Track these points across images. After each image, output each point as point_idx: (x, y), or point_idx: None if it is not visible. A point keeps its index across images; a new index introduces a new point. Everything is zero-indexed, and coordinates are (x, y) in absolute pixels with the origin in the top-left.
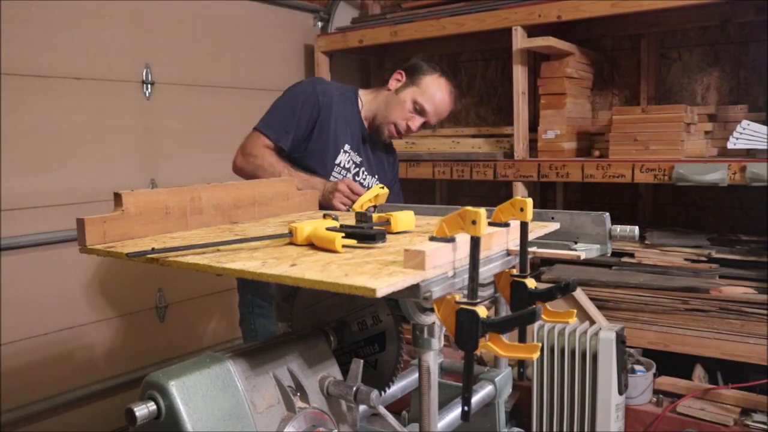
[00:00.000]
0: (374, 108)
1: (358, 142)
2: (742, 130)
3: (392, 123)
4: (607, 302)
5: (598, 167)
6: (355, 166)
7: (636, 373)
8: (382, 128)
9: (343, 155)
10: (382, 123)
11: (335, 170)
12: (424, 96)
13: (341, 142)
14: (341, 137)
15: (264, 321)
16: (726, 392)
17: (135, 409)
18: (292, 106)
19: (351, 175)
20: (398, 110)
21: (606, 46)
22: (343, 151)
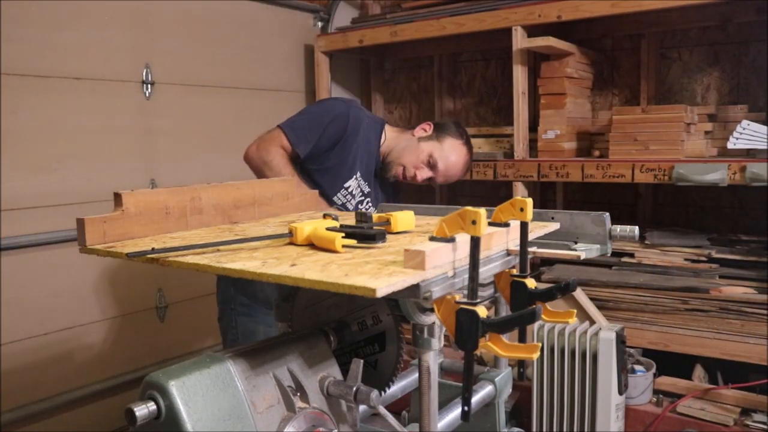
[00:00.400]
0: (393, 146)
1: (370, 173)
2: (742, 130)
3: (402, 165)
4: (607, 302)
5: (598, 167)
6: (362, 194)
7: (636, 373)
8: (391, 166)
9: (353, 181)
10: (393, 161)
11: (341, 193)
12: (441, 153)
13: (356, 168)
14: (358, 164)
15: (245, 319)
16: (726, 392)
17: (135, 409)
18: (322, 118)
19: (356, 201)
20: (413, 157)
21: (606, 46)
22: (354, 177)
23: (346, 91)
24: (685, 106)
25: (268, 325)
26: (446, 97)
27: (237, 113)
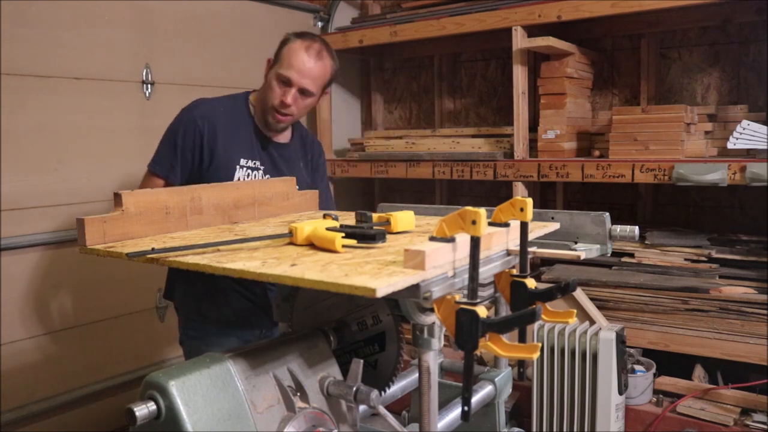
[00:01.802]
0: (257, 105)
1: (256, 150)
2: (742, 130)
3: (271, 108)
4: (607, 302)
5: (598, 167)
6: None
7: (636, 373)
8: (267, 119)
9: (240, 171)
10: (264, 113)
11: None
12: (283, 67)
13: (235, 158)
14: (235, 153)
15: (197, 343)
16: (726, 392)
17: (135, 409)
18: (174, 139)
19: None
20: (269, 93)
21: (606, 46)
22: (239, 167)
23: (346, 91)
24: (685, 106)
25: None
26: (446, 97)
27: None
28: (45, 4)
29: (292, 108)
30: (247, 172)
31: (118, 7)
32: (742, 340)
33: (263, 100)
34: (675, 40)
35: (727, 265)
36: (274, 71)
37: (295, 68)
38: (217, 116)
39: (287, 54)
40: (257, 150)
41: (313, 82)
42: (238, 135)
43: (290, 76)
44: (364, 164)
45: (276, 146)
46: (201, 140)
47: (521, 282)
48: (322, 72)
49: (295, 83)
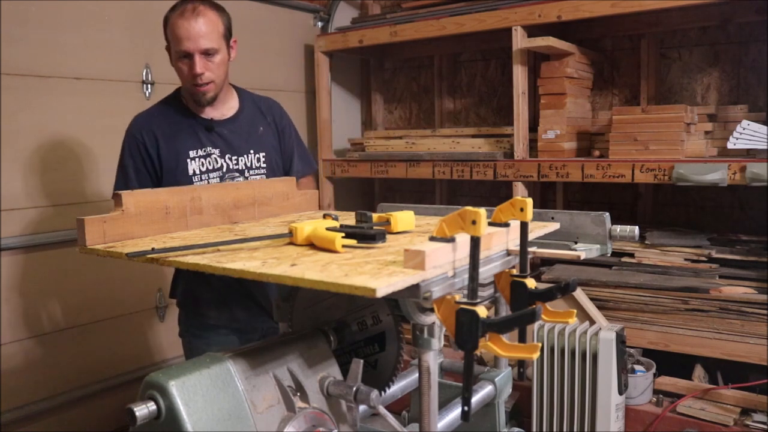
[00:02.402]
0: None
1: (202, 137)
2: (742, 130)
3: (191, 86)
4: (607, 302)
5: (598, 167)
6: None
7: (636, 373)
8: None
9: (192, 163)
10: (190, 95)
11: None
12: (174, 43)
13: (182, 153)
14: (181, 149)
15: (198, 342)
16: (726, 392)
17: (135, 409)
18: (123, 161)
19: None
20: (181, 75)
21: (606, 46)
22: (190, 160)
23: (346, 91)
24: (685, 106)
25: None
26: (446, 97)
27: None
28: (45, 4)
29: (206, 74)
30: (201, 162)
31: (118, 7)
32: (742, 340)
33: (183, 85)
34: (675, 40)
35: (727, 265)
36: (172, 54)
37: (183, 38)
38: (154, 122)
39: (170, 31)
40: (203, 136)
41: (208, 39)
42: (179, 131)
43: (183, 47)
44: (364, 164)
45: (223, 124)
46: (146, 151)
47: (521, 282)
48: (209, 26)
49: (192, 50)
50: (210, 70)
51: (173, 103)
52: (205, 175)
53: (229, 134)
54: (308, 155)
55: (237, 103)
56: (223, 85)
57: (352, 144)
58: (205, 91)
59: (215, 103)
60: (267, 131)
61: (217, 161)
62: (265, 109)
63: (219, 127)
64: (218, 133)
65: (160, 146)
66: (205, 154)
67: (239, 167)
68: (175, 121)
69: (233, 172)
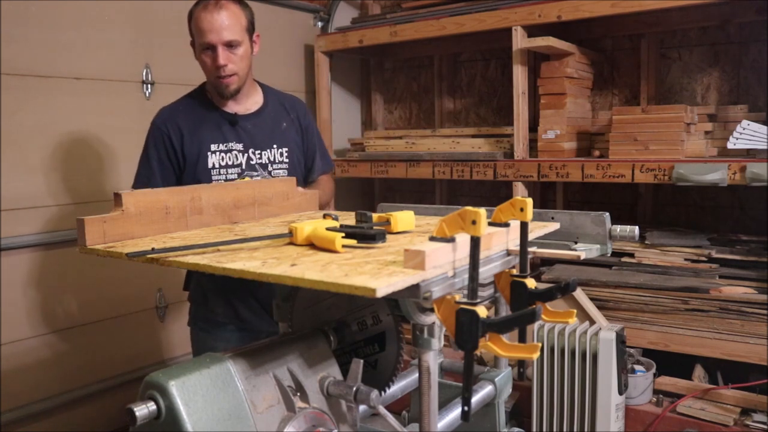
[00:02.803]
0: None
1: (225, 131)
2: (742, 130)
3: (214, 79)
4: (607, 302)
5: (598, 167)
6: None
7: (636, 373)
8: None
9: (213, 156)
10: (215, 88)
11: (214, 175)
12: (198, 37)
13: (204, 146)
14: (203, 142)
15: (204, 336)
16: (726, 392)
17: (135, 409)
18: (147, 153)
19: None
20: (205, 68)
21: (606, 46)
22: (210, 153)
23: (346, 91)
24: (685, 106)
25: (225, 341)
26: (446, 97)
27: None
28: (45, 4)
29: (228, 66)
30: (221, 156)
31: (118, 7)
32: (742, 340)
33: (207, 78)
34: (675, 40)
35: (727, 265)
36: (195, 48)
37: (206, 30)
38: (179, 115)
39: (194, 25)
40: (227, 130)
41: (230, 31)
42: (203, 125)
43: (206, 39)
44: (364, 164)
45: (247, 118)
46: (170, 143)
47: (521, 282)
48: (231, 18)
49: (215, 43)
50: (233, 62)
51: (198, 96)
52: (223, 170)
53: (252, 128)
54: (328, 154)
55: (261, 99)
56: (246, 78)
57: (352, 144)
58: (228, 83)
59: (239, 97)
60: (290, 128)
61: (238, 158)
62: (289, 106)
63: (243, 121)
64: (242, 127)
65: (184, 139)
66: (226, 149)
67: (262, 161)
68: (200, 114)
69: (255, 167)
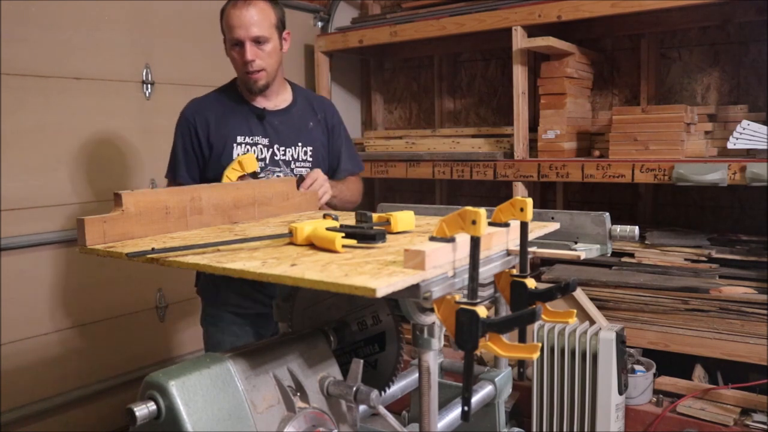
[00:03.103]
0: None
1: (252, 125)
2: (742, 130)
3: (243, 74)
4: (607, 302)
5: (598, 167)
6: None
7: (636, 373)
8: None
9: (238, 148)
10: (244, 84)
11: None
12: (228, 33)
13: (231, 138)
14: (230, 134)
15: (213, 329)
16: (726, 392)
17: (135, 409)
18: (176, 142)
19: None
20: (235, 64)
21: (606, 46)
22: (236, 144)
23: (346, 91)
24: (685, 106)
25: (233, 335)
26: (446, 97)
27: None
28: (45, 4)
29: (257, 62)
30: (246, 149)
31: (118, 7)
32: (742, 340)
33: (237, 74)
34: (675, 40)
35: (727, 265)
36: (226, 44)
37: (235, 26)
38: (208, 108)
39: (225, 21)
40: (254, 125)
41: (259, 27)
42: (231, 117)
43: (235, 35)
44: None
45: (275, 114)
46: (196, 134)
47: (521, 282)
48: (261, 14)
49: (243, 38)
50: (260, 58)
51: (229, 90)
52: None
53: (279, 125)
54: (356, 155)
55: (290, 97)
56: (275, 75)
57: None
58: (257, 79)
59: (268, 94)
60: (317, 127)
61: (263, 152)
62: (317, 106)
63: (270, 116)
64: (269, 122)
65: (211, 130)
66: (252, 143)
67: (286, 158)
68: (229, 107)
69: (278, 163)
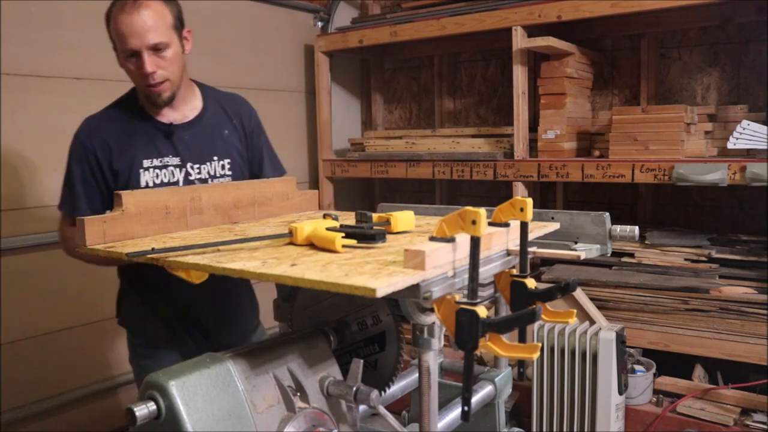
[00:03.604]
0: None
1: (159, 145)
2: (742, 130)
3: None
4: (607, 302)
5: (598, 167)
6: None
7: (636, 373)
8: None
9: (146, 174)
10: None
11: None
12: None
13: (136, 163)
14: (135, 158)
15: (148, 362)
16: (726, 392)
17: (135, 409)
18: (71, 170)
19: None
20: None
21: (606, 46)
22: (143, 170)
23: (346, 91)
24: (685, 106)
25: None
26: (446, 97)
27: None
28: (45, 4)
29: (158, 72)
30: (155, 173)
31: None
32: (742, 340)
33: (136, 87)
34: (675, 40)
35: (727, 265)
36: (119, 55)
37: (127, 35)
38: (107, 128)
39: (113, 30)
40: (161, 144)
41: (155, 33)
42: (134, 138)
43: (129, 45)
44: (364, 164)
45: (184, 128)
46: (96, 160)
47: (521, 282)
48: (156, 17)
49: (139, 47)
50: (162, 68)
51: (128, 104)
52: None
53: (190, 139)
54: (278, 161)
55: (200, 103)
56: (180, 82)
57: (352, 144)
58: (161, 91)
59: (175, 104)
60: (233, 135)
61: (174, 174)
62: (231, 109)
63: (180, 131)
64: (179, 138)
65: (113, 154)
66: (161, 165)
67: (202, 176)
68: (130, 126)
69: (193, 183)
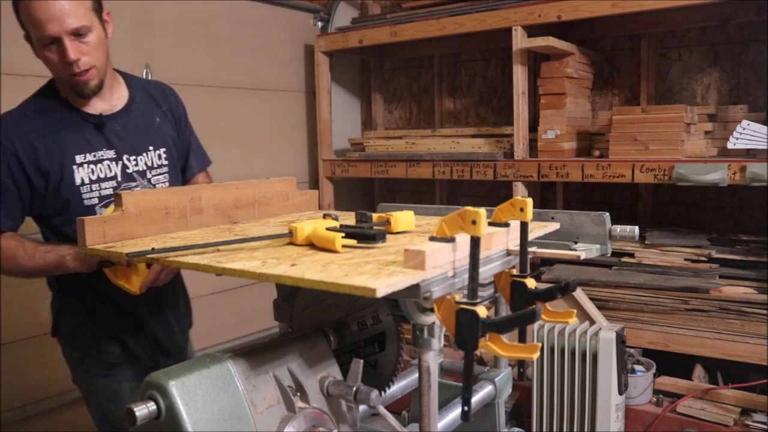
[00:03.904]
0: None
1: (92, 137)
2: (742, 130)
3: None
4: (607, 302)
5: (598, 167)
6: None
7: (636, 373)
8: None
9: (80, 170)
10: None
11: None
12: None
13: (68, 160)
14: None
15: (103, 381)
16: (726, 392)
17: (135, 409)
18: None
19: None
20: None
21: (606, 46)
22: (76, 167)
23: (346, 91)
24: (685, 106)
25: (130, 380)
26: (446, 97)
27: (237, 113)
28: None
29: (83, 59)
30: (90, 169)
31: (119, 7)
32: (742, 340)
33: (57, 77)
34: (675, 40)
35: (727, 265)
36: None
37: (43, 21)
38: (28, 124)
39: (25, 16)
40: (93, 136)
41: (75, 16)
42: (61, 132)
43: (47, 32)
44: (364, 164)
45: (115, 118)
46: (19, 162)
47: (521, 282)
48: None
49: (59, 33)
50: (86, 54)
51: (49, 96)
52: (96, 185)
53: (123, 130)
54: (203, 150)
55: (126, 91)
56: (106, 69)
57: (352, 144)
58: (87, 80)
59: (102, 93)
60: (164, 122)
61: (111, 168)
62: (159, 96)
63: (111, 122)
64: (110, 129)
65: (39, 154)
66: (96, 160)
67: (139, 168)
68: (55, 119)
69: (132, 176)
